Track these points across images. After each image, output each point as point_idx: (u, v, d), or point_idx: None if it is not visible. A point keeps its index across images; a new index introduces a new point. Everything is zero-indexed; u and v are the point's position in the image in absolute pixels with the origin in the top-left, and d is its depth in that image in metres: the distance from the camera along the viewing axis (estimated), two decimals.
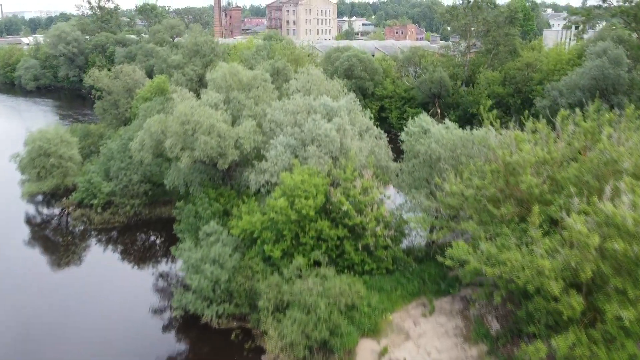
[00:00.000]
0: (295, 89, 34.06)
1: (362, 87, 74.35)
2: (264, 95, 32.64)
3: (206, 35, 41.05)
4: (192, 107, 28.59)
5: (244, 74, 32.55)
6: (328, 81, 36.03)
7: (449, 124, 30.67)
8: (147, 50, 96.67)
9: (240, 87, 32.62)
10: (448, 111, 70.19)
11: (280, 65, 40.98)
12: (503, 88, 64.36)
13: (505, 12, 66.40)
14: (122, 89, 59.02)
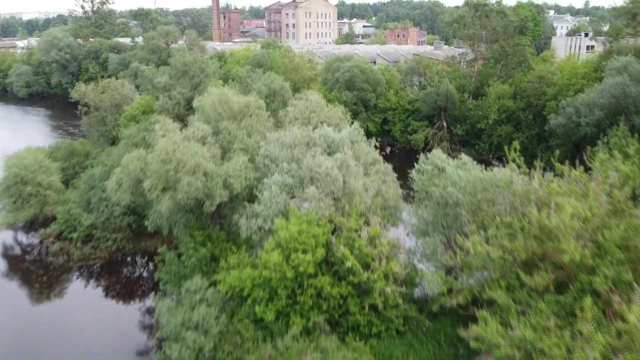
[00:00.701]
0: (293, 117, 30.61)
1: (364, 99, 70.98)
2: (257, 124, 29.22)
3: (196, 53, 37.40)
4: (174, 143, 25.16)
5: (235, 102, 29.11)
6: (329, 107, 32.55)
7: (465, 160, 27.18)
8: (140, 57, 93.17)
9: (231, 116, 29.19)
10: (455, 125, 66.86)
11: (276, 86, 37.55)
12: (513, 102, 60.90)
13: (515, 21, 62.91)
14: (109, 104, 55.73)
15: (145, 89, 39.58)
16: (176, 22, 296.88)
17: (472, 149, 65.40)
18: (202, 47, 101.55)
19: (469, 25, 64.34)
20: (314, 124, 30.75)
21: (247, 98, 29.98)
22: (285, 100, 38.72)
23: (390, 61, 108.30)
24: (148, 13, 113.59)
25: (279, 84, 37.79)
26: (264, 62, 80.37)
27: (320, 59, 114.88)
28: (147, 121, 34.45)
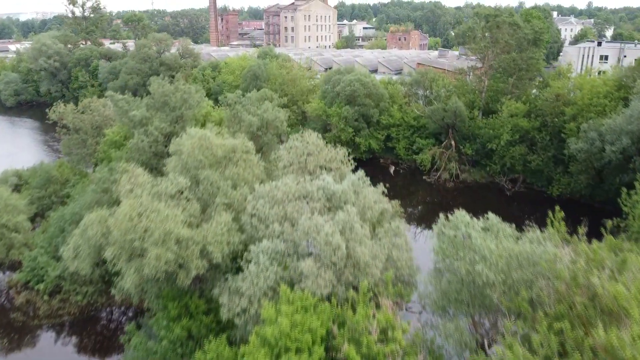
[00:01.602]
0: (287, 163, 26.10)
1: (365, 115, 66.51)
2: (244, 173, 24.75)
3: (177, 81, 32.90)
4: (141, 205, 20.70)
5: (218, 146, 24.62)
6: (328, 148, 28.05)
7: (493, 221, 22.59)
8: (130, 67, 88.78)
9: (214, 162, 24.73)
10: (463, 143, 62.36)
11: (269, 116, 33.05)
12: (528, 121, 56.41)
13: (529, 33, 58.39)
14: (90, 126, 51.43)
15: (121, 121, 35.06)
16: (173, 23, 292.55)
17: (482, 170, 60.99)
18: (196, 55, 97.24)
19: (479, 38, 59.80)
20: (310, 169, 26.27)
21: (233, 141, 25.47)
22: (279, 132, 34.25)
23: (393, 70, 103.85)
24: (140, 19, 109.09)
25: (272, 114, 33.26)
26: (259, 74, 75.96)
27: (320, 67, 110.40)
28: (120, 158, 29.97)
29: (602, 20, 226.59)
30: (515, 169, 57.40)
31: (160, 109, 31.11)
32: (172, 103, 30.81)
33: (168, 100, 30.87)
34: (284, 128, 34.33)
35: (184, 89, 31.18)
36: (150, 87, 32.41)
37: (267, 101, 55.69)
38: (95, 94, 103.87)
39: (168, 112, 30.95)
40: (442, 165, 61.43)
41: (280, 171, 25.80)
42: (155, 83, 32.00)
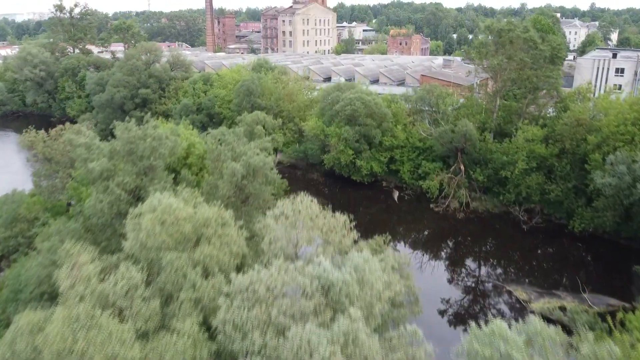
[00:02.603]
0: (274, 238, 21.05)
1: (367, 135, 61.50)
2: (219, 253, 19.77)
3: (148, 122, 27.90)
4: (79, 320, 15.73)
5: (186, 220, 19.64)
6: (324, 214, 23.00)
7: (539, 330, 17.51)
8: (117, 80, 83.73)
9: (181, 240, 19.77)
10: (474, 168, 57.39)
11: (257, 162, 28.04)
12: (546, 147, 51.45)
13: (546, 50, 53.39)
14: (61, 156, 46.46)
15: (81, 170, 30.09)
16: (169, 26, 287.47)
17: (495, 198, 55.98)
18: (188, 65, 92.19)
19: (491, 54, 54.78)
20: (304, 241, 21.28)
21: (205, 212, 20.47)
22: (269, 179, 29.23)
23: (395, 80, 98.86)
24: (129, 27, 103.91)
25: (259, 160, 28.25)
26: (253, 89, 70.92)
27: (318, 77, 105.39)
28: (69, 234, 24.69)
29: (607, 23, 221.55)
30: (532, 198, 52.40)
31: (126, 159, 26.08)
32: (139, 152, 25.77)
33: (135, 149, 25.83)
34: (273, 176, 29.30)
35: (154, 134, 26.14)
36: (115, 131, 27.37)
37: (260, 126, 51.15)
38: (82, 105, 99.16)
39: (135, 161, 25.91)
40: (451, 193, 56.44)
41: (266, 248, 20.76)
42: (120, 127, 26.95)
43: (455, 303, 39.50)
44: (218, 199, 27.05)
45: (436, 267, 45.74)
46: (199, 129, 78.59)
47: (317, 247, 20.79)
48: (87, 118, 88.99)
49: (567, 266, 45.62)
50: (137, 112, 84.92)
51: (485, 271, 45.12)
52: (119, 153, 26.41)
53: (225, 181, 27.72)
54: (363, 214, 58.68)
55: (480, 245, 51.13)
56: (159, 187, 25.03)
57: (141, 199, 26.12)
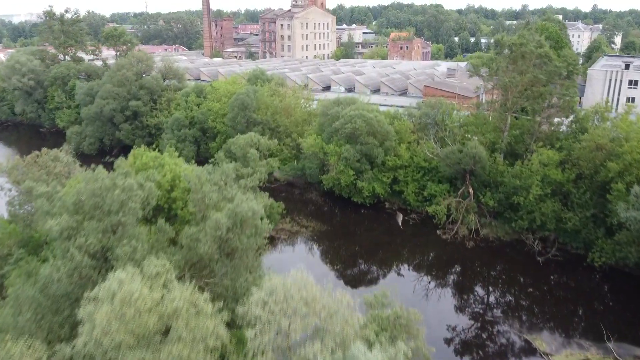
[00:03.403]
0: (260, 331, 17.19)
1: (369, 155, 57.75)
2: (192, 354, 16.00)
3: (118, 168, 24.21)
4: None
5: (151, 312, 15.88)
6: (324, 296, 19.10)
7: None
8: (107, 91, 79.90)
9: (143, 336, 16.01)
10: (483, 191, 53.72)
11: (245, 212, 24.27)
12: (562, 172, 47.74)
13: (562, 67, 49.67)
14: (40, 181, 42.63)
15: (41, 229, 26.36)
16: (166, 28, 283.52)
17: (506, 224, 52.24)
18: (181, 75, 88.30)
19: (502, 71, 51.04)
20: (297, 332, 17.51)
21: (175, 299, 16.72)
22: (259, 231, 25.46)
23: (397, 90, 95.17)
24: (121, 34, 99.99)
25: (247, 208, 24.45)
26: (248, 103, 67.15)
27: (317, 86, 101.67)
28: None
29: (611, 27, 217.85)
30: (547, 226, 48.68)
31: (91, 213, 22.34)
32: (106, 206, 22.03)
33: (101, 203, 22.08)
34: (264, 227, 25.53)
35: (123, 184, 22.36)
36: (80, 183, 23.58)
37: (254, 149, 47.42)
38: (72, 116, 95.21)
39: (102, 217, 22.17)
40: (459, 218, 52.73)
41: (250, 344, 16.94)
42: (86, 177, 23.18)
43: (465, 354, 35.76)
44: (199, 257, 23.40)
45: (443, 306, 41.96)
46: (192, 143, 75.16)
47: (312, 340, 16.97)
48: (75, 131, 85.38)
49: (588, 306, 41.91)
50: (127, 125, 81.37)
51: (500, 313, 41.32)
52: (83, 207, 22.62)
53: (207, 234, 23.98)
54: (365, 239, 54.99)
55: (492, 280, 47.37)
56: (128, 249, 21.30)
57: (108, 260, 22.41)
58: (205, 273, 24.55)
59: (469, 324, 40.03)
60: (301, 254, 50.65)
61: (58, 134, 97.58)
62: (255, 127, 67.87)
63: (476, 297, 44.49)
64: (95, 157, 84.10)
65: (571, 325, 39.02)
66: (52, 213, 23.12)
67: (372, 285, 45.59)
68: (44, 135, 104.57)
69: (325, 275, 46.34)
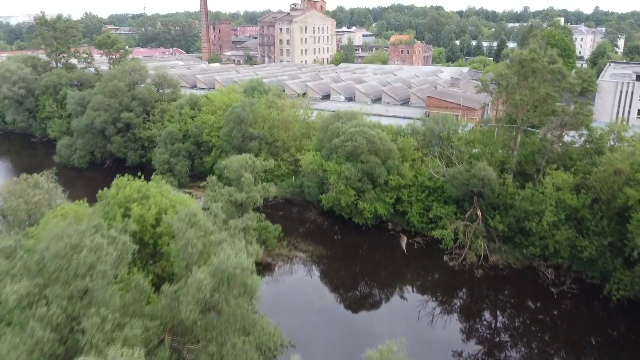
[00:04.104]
0: None
1: (370, 174, 54.81)
2: None
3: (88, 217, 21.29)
4: None
5: None
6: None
7: None
8: (98, 103, 76.94)
9: None
10: (492, 213, 50.84)
11: (230, 268, 21.30)
12: (577, 197, 44.81)
13: (577, 84, 46.73)
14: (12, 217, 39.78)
15: None
16: (164, 31, 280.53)
17: (516, 250, 49.33)
18: (175, 84, 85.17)
19: (512, 88, 48.09)
20: None
21: None
22: (248, 289, 22.48)
23: (399, 100, 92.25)
24: (114, 41, 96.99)
25: (236, 264, 21.47)
26: (244, 117, 64.11)
27: (317, 94, 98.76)
28: None
29: (614, 30, 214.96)
30: (560, 254, 45.74)
31: (56, 277, 19.37)
32: (72, 269, 19.07)
33: (66, 265, 19.13)
34: (254, 283, 22.53)
35: (92, 244, 19.40)
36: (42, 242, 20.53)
37: (248, 174, 44.49)
38: (63, 126, 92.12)
39: (68, 280, 19.23)
40: (467, 243, 49.79)
41: None
42: (50, 233, 20.18)
43: None
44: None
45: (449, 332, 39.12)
46: (185, 158, 72.06)
47: None
48: (65, 143, 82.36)
49: (603, 339, 39.08)
50: (119, 138, 78.36)
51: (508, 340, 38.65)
52: (47, 268, 19.67)
53: (189, 294, 21.03)
54: (366, 263, 51.95)
55: (501, 307, 44.37)
56: (96, 320, 18.36)
57: (73, 331, 19.42)
58: (188, 338, 21.55)
59: (477, 349, 37.51)
60: (299, 284, 47.56)
61: (50, 143, 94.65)
62: (251, 141, 65.03)
63: (484, 323, 41.82)
64: (86, 171, 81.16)
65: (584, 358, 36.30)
66: (12, 274, 20.12)
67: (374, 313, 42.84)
68: (35, 145, 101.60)
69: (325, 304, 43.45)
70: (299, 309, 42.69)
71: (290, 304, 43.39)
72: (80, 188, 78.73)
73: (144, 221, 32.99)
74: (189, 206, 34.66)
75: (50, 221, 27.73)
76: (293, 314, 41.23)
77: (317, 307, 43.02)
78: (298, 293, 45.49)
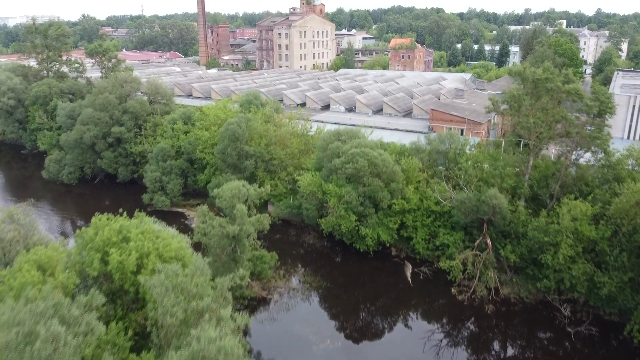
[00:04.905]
0: None
1: (373, 198, 51.63)
2: None
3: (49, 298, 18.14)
4: None
5: None
6: None
7: None
8: (87, 116, 73.70)
9: None
10: (502, 242, 47.65)
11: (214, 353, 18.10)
12: (595, 229, 41.64)
13: (594, 106, 43.55)
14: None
15: None
16: (162, 34, 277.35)
17: (529, 282, 46.15)
18: (169, 96, 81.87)
19: (525, 111, 44.89)
20: None
21: None
22: None
23: (401, 112, 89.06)
24: (106, 50, 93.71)
25: (217, 350, 18.28)
26: (240, 135, 60.83)
27: (316, 104, 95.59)
28: None
29: (618, 33, 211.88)
30: (577, 288, 42.60)
31: None
32: None
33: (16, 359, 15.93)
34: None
35: (48, 334, 16.21)
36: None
37: (241, 205, 41.24)
38: (53, 139, 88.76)
39: None
40: (476, 274, 46.62)
41: None
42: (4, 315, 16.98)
43: None
44: None
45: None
46: (178, 176, 68.85)
47: None
48: (54, 158, 79.09)
49: None
50: (109, 153, 75.13)
51: None
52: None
53: None
54: (369, 295, 48.72)
55: (515, 353, 41.06)
56: None
57: None
58: None
59: None
60: (296, 323, 44.06)
61: (40, 155, 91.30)
62: (247, 160, 61.86)
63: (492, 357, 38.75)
64: (76, 186, 77.92)
65: None
66: None
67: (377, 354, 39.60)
68: (26, 157, 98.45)
69: (325, 347, 40.20)
70: (296, 356, 39.47)
71: (287, 348, 40.13)
72: (69, 205, 75.74)
73: (123, 268, 29.82)
74: (173, 249, 31.66)
75: (12, 279, 24.52)
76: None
77: (317, 351, 39.77)
78: (295, 335, 42.18)
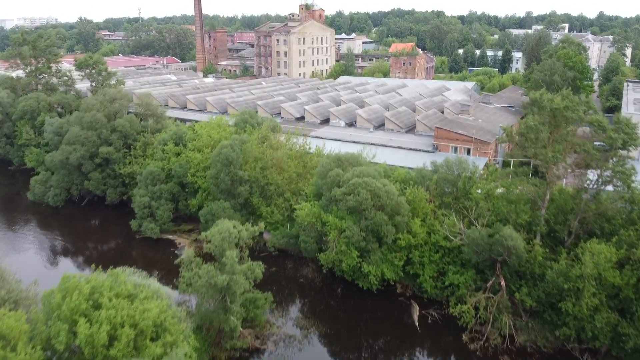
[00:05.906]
0: None
1: (376, 232, 47.79)
2: None
3: None
4: None
5: None
6: None
7: None
8: (74, 136, 69.83)
9: None
10: (517, 283, 43.90)
11: None
12: (620, 274, 37.88)
13: (618, 138, 39.73)
14: None
15: None
16: (159, 39, 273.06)
17: (546, 328, 42.36)
18: (160, 114, 77.98)
19: (543, 143, 41.09)
20: None
21: None
22: None
23: (403, 127, 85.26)
24: (97, 62, 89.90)
25: None
26: (233, 159, 56.93)
27: (315, 119, 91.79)
28: None
29: (622, 38, 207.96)
30: (599, 338, 38.84)
31: None
32: None
33: None
34: None
35: None
36: None
37: (230, 252, 37.45)
38: (41, 156, 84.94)
39: None
40: (490, 319, 42.83)
41: None
42: None
43: None
44: None
45: None
46: (168, 200, 64.92)
47: None
48: (39, 180, 75.17)
49: None
50: (97, 174, 71.30)
51: None
52: None
53: None
54: (371, 340, 44.92)
55: None
56: None
57: None
58: None
59: None
60: None
61: (28, 172, 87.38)
62: (241, 185, 58.04)
63: None
64: (63, 208, 74.06)
65: None
66: None
67: None
68: (13, 174, 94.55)
69: None
70: None
71: None
72: (55, 228, 71.84)
73: (93, 341, 26.06)
74: (152, 316, 27.85)
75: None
76: None
77: None
78: None
